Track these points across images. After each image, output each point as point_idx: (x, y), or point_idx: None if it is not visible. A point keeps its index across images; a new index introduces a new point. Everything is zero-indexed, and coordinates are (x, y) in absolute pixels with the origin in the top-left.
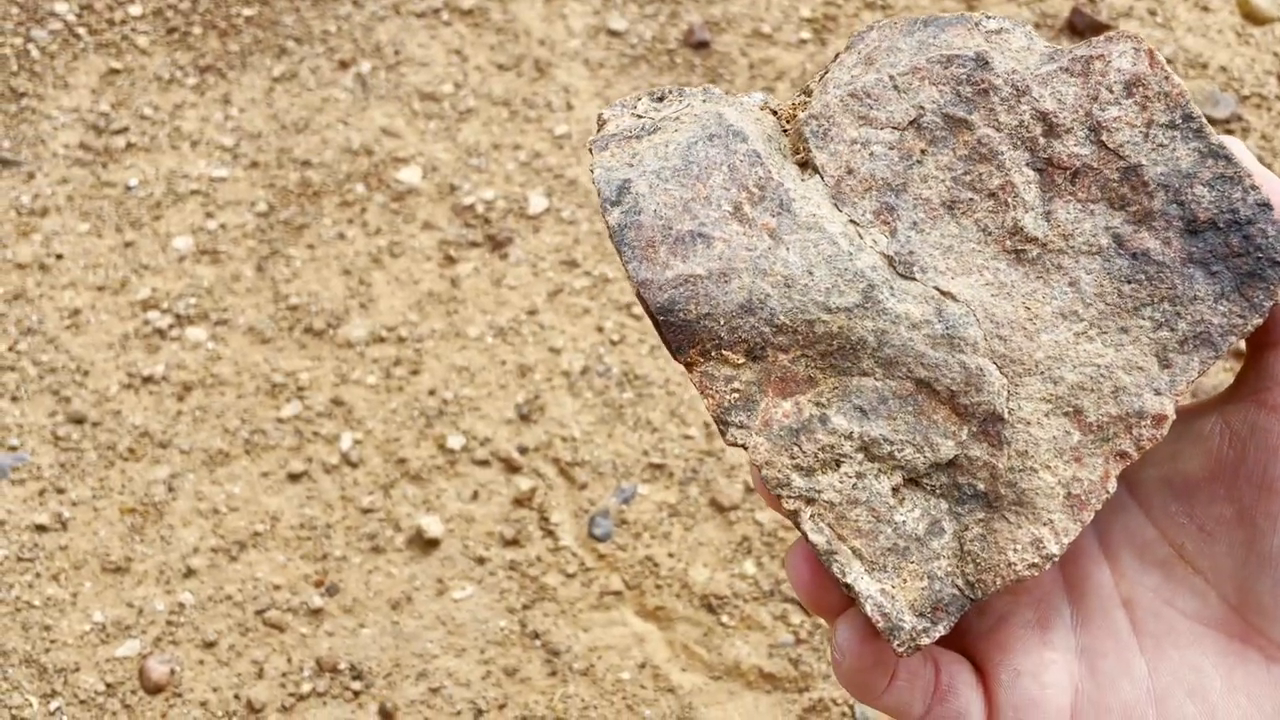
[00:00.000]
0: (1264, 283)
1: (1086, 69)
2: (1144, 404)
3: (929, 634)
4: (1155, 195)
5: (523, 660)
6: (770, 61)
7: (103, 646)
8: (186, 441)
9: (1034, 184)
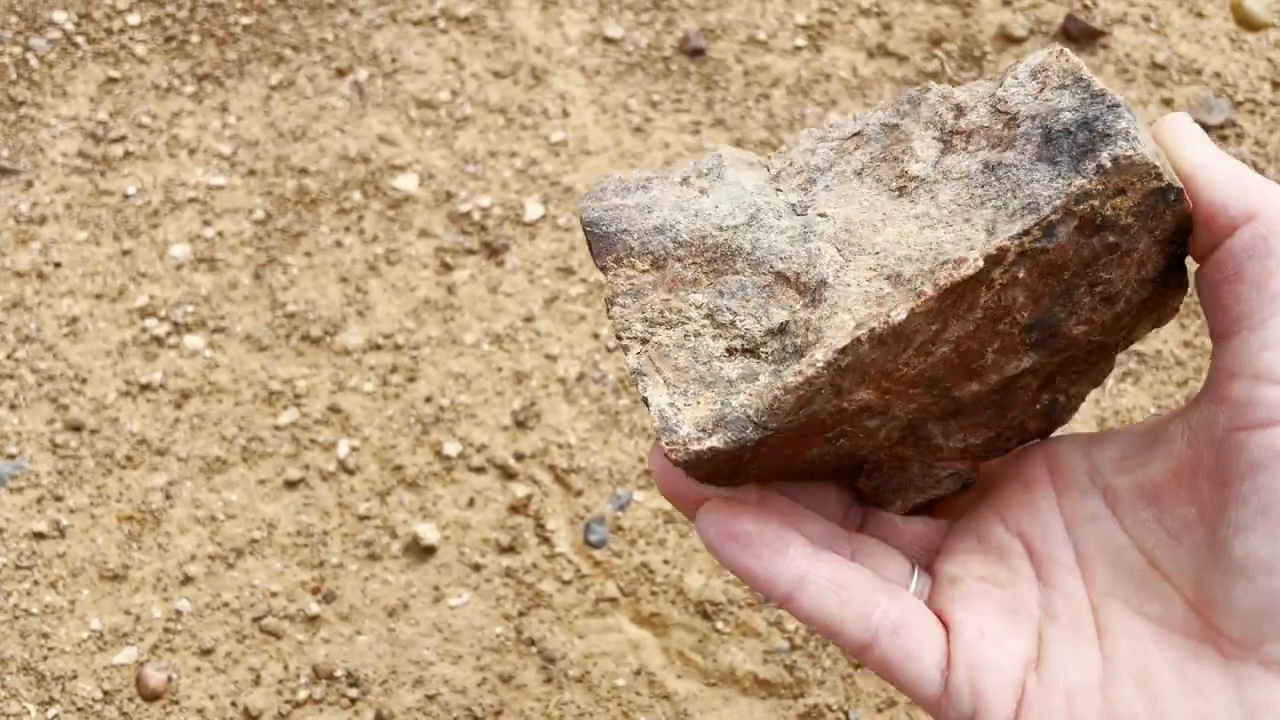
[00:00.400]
0: (1094, 153)
1: (1005, 72)
2: (952, 256)
3: (702, 441)
4: (1023, 124)
5: (518, 667)
6: (765, 68)
7: (100, 654)
8: (184, 449)
9: (932, 147)
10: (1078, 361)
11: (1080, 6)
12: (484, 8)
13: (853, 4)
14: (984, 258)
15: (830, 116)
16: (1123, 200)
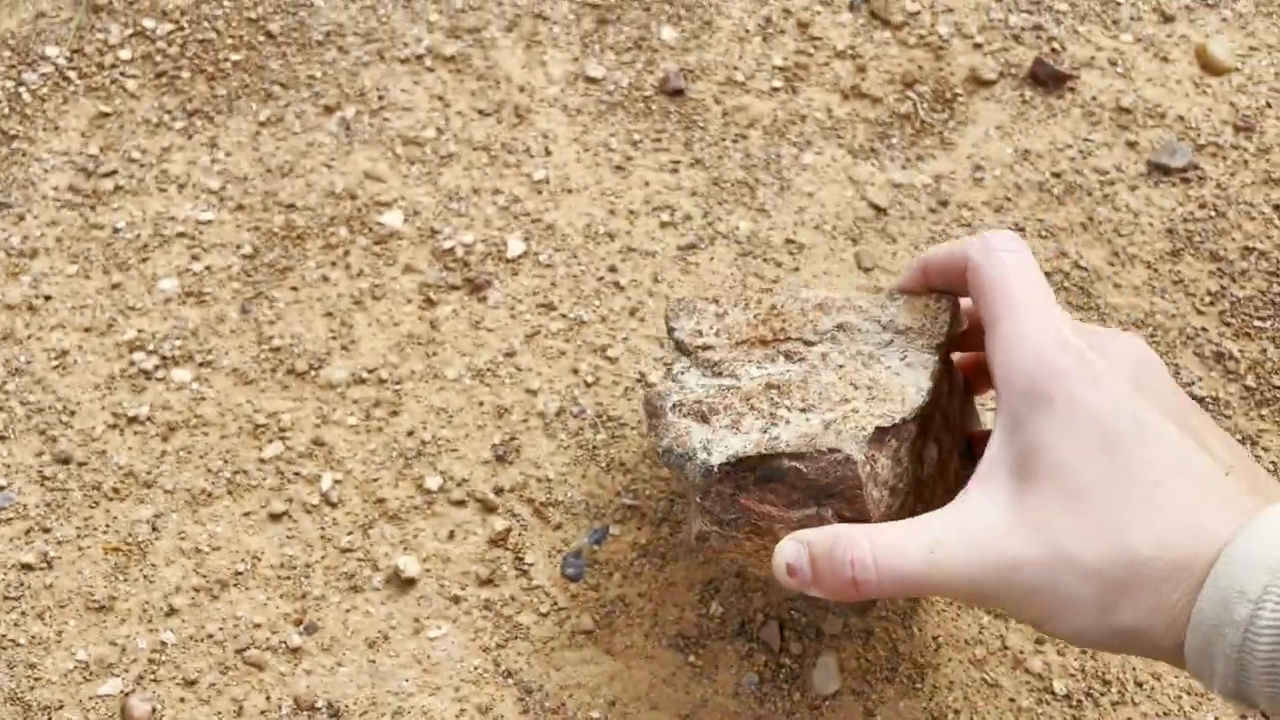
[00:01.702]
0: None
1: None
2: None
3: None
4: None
5: (495, 699)
6: (743, 109)
7: (85, 684)
8: (170, 481)
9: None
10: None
11: (1049, 51)
12: (469, 46)
13: (828, 46)
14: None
15: (804, 157)
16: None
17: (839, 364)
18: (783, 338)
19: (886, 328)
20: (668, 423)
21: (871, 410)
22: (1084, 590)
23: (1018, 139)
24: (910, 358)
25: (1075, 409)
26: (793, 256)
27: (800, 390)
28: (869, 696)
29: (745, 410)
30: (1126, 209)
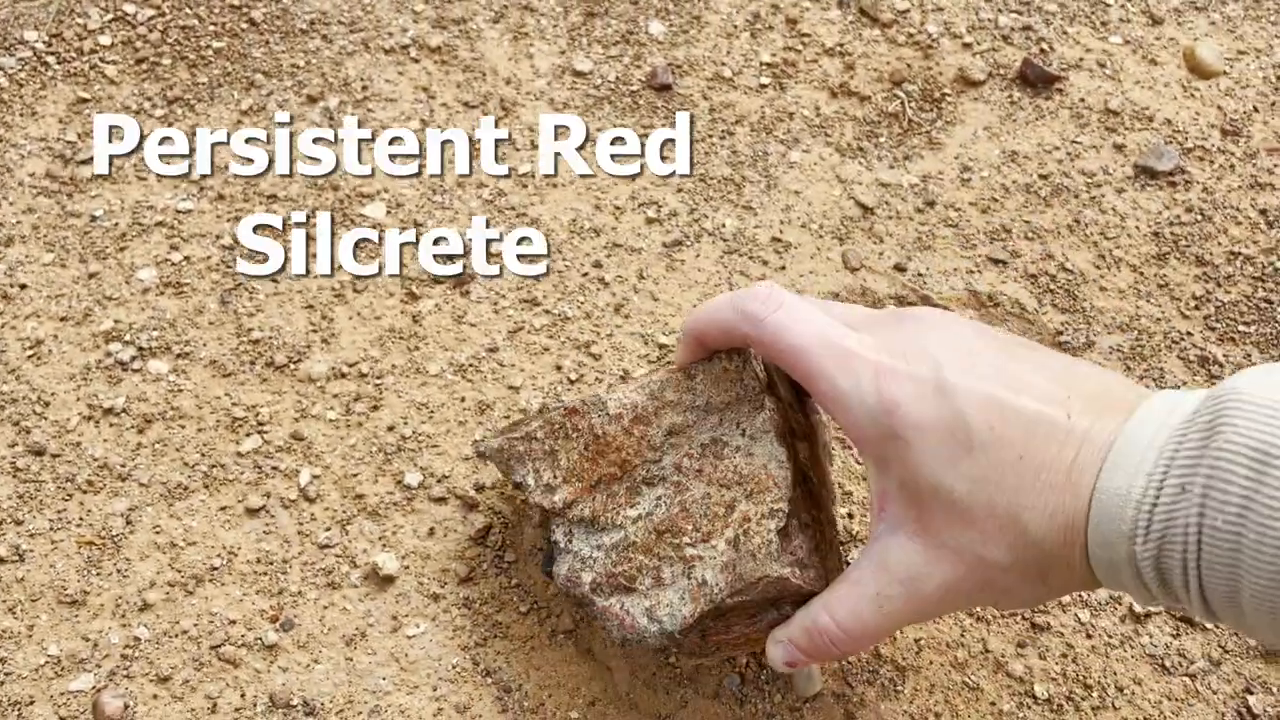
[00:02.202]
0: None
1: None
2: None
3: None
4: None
5: (474, 698)
6: (730, 105)
7: (57, 680)
8: (146, 474)
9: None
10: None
11: (1038, 52)
12: (455, 37)
13: (817, 43)
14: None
15: (792, 155)
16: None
17: (696, 469)
18: (628, 468)
19: (707, 410)
20: (601, 610)
21: (758, 510)
22: (1012, 580)
23: (1005, 140)
24: (747, 429)
25: (921, 433)
26: (779, 255)
27: (686, 520)
28: (850, 699)
29: (656, 563)
30: (1113, 212)
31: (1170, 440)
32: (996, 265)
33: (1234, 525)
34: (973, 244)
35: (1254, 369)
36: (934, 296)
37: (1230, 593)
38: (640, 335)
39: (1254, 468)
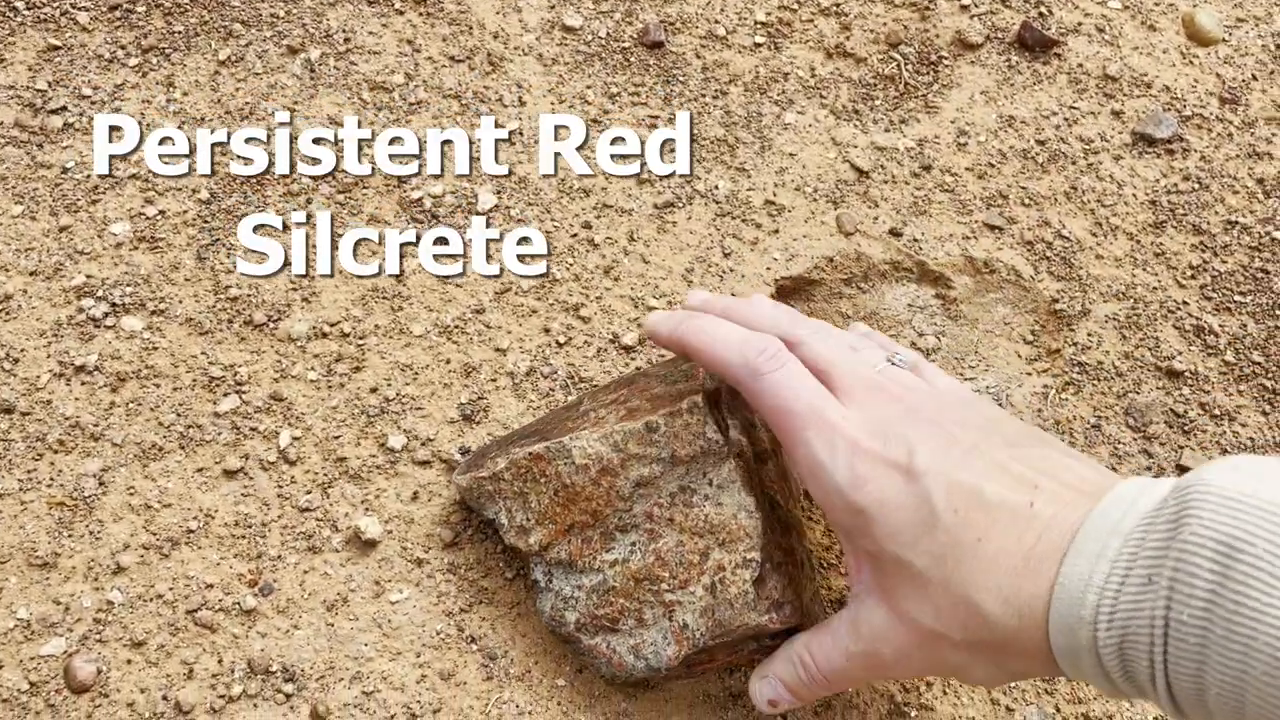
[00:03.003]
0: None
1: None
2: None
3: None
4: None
5: (459, 664)
6: (724, 65)
7: (27, 644)
8: (119, 434)
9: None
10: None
11: (1036, 15)
12: None
13: (813, 2)
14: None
15: (786, 116)
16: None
17: (667, 517)
18: (599, 516)
19: (673, 461)
20: (589, 648)
21: (732, 559)
22: (963, 657)
23: (1002, 104)
24: (714, 478)
25: (884, 510)
26: (772, 218)
27: (662, 568)
28: None
29: (638, 606)
30: (1110, 179)
31: (1137, 528)
32: (992, 231)
33: (1200, 620)
34: (969, 209)
35: (1221, 461)
36: (929, 262)
37: (1197, 690)
38: (630, 298)
39: (1220, 561)
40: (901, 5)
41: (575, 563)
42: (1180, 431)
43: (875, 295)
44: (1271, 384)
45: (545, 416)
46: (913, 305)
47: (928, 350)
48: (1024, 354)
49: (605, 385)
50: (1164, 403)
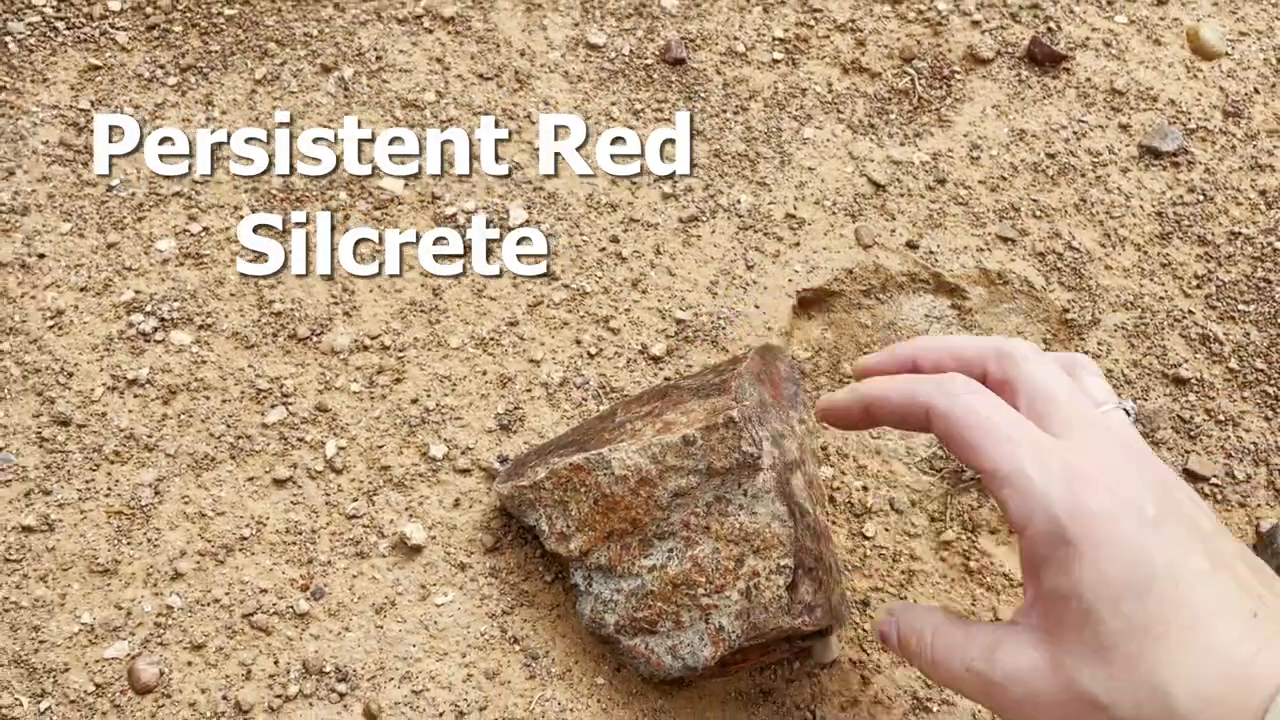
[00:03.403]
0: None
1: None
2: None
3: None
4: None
5: (502, 664)
6: (744, 81)
7: (91, 648)
8: (172, 445)
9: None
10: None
11: (1045, 30)
12: (469, 8)
13: (828, 19)
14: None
15: (805, 131)
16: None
17: (703, 525)
18: (638, 524)
19: (709, 473)
20: (628, 648)
21: (766, 565)
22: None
23: (1013, 118)
24: (749, 489)
25: (1099, 552)
26: (793, 231)
27: (699, 574)
28: (866, 665)
29: (675, 609)
30: (1119, 191)
31: None
32: (1005, 243)
33: None
34: (982, 222)
35: None
36: (944, 274)
37: None
38: (657, 310)
39: None
40: (915, 21)
41: (615, 568)
42: (1186, 437)
43: (893, 306)
44: (1274, 390)
45: (580, 426)
46: (929, 315)
47: None
48: None
49: (638, 396)
50: (1171, 409)
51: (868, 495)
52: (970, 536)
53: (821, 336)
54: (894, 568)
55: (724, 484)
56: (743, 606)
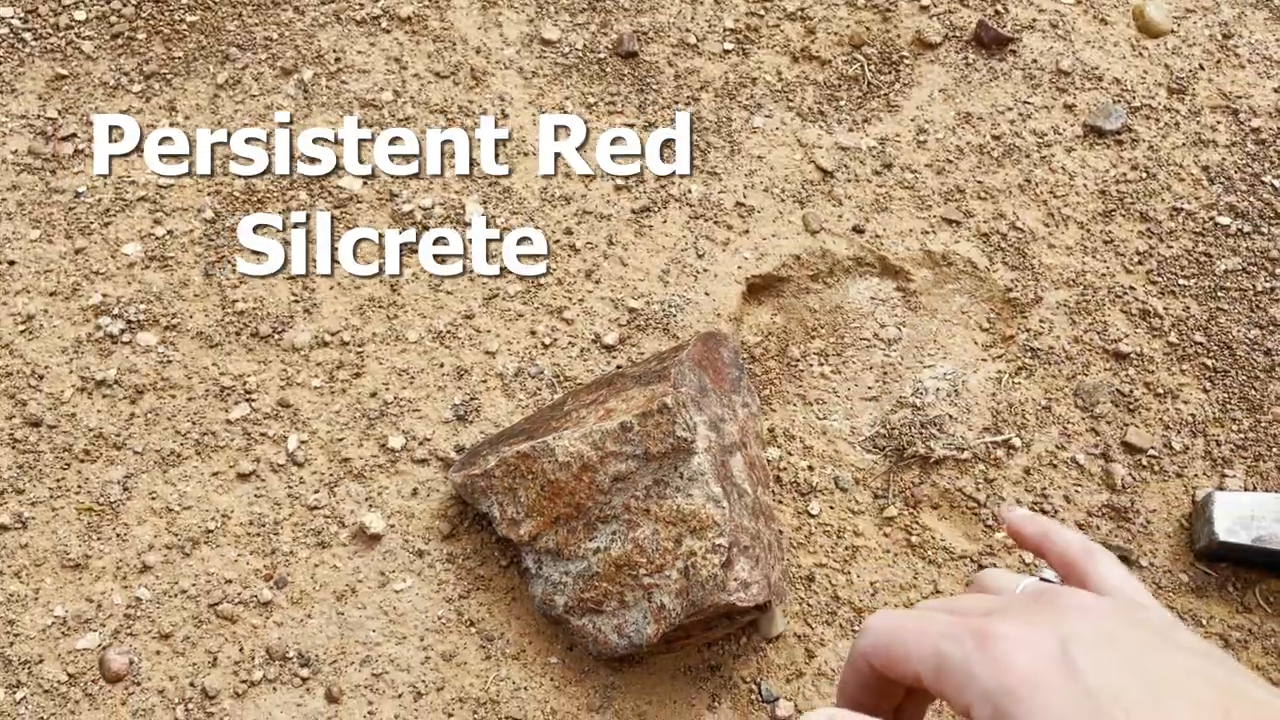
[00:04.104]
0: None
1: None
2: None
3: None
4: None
5: (459, 646)
6: (695, 72)
7: (64, 639)
8: (140, 443)
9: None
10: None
11: (992, 13)
12: (425, 7)
13: (778, 8)
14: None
15: (755, 120)
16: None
17: (643, 508)
18: (582, 509)
19: (646, 458)
20: (577, 628)
21: (702, 545)
22: None
23: (960, 101)
24: (684, 471)
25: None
26: (743, 219)
27: (640, 555)
28: (810, 639)
29: (619, 589)
30: (1063, 170)
31: None
32: (950, 225)
33: None
34: (928, 205)
35: None
36: (890, 257)
37: None
38: (610, 300)
39: None
40: (864, 7)
41: (562, 551)
42: (1126, 410)
43: (840, 290)
44: (1212, 362)
45: (532, 415)
46: (875, 298)
47: (889, 340)
48: (980, 341)
49: (587, 385)
50: (1111, 383)
51: (813, 474)
52: (912, 512)
53: (771, 321)
54: (838, 544)
55: (661, 468)
56: (682, 585)
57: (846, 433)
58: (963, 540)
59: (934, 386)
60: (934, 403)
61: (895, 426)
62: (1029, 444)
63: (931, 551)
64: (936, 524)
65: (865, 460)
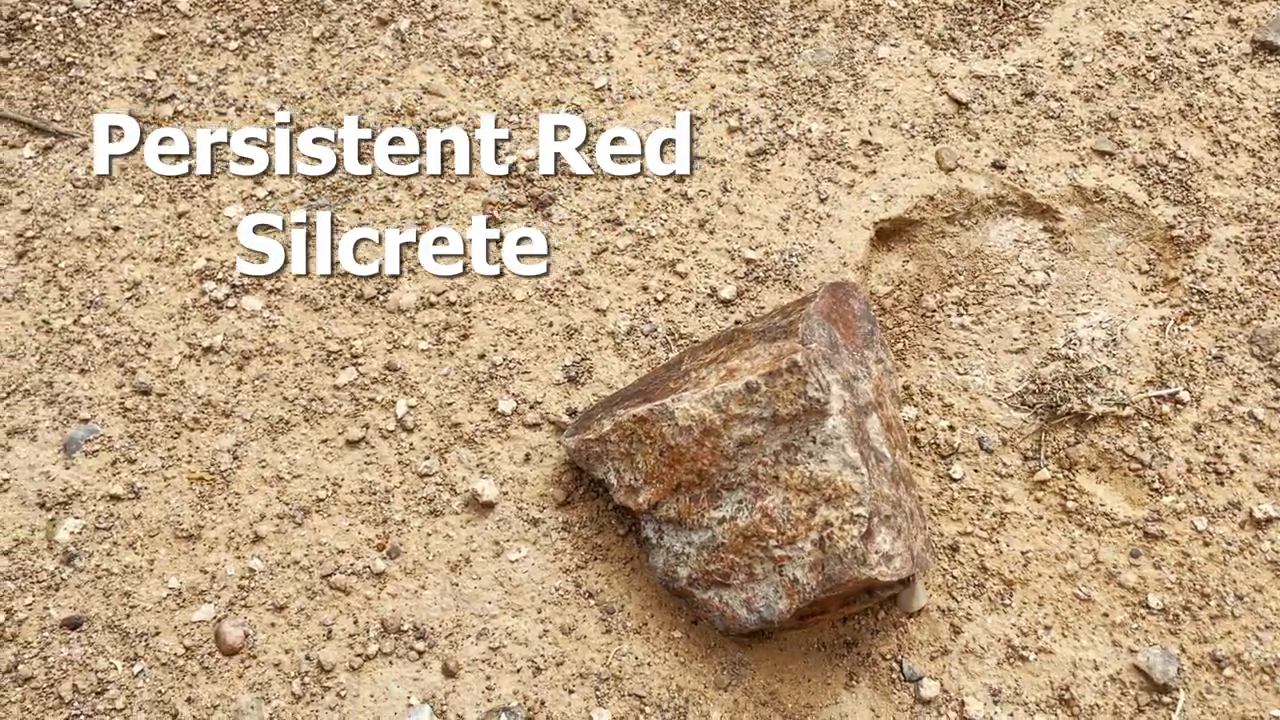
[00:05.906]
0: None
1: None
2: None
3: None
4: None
5: (578, 619)
6: (812, 1)
7: (180, 611)
8: (248, 410)
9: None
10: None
11: None
12: None
13: None
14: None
15: (879, 50)
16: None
17: (773, 475)
18: (705, 476)
19: (775, 420)
20: (702, 601)
21: (839, 515)
22: None
23: (1109, 20)
24: (818, 435)
25: None
26: (869, 159)
27: (770, 525)
28: (955, 613)
29: (748, 561)
30: (1229, 93)
31: None
32: (1102, 157)
33: None
34: (1076, 136)
35: None
36: (1035, 195)
37: None
38: (726, 251)
39: None
40: None
41: (684, 520)
42: None
43: (979, 233)
44: None
45: (647, 376)
46: (1019, 240)
47: (1036, 287)
48: (1139, 285)
49: (705, 342)
50: None
51: (954, 435)
52: (1068, 475)
53: (902, 269)
54: (984, 510)
55: (791, 431)
56: (817, 558)
57: (991, 389)
58: (1125, 505)
59: (1088, 336)
60: (1089, 354)
61: (1046, 381)
62: (1199, 398)
63: (1090, 518)
64: (1095, 487)
65: (1013, 419)
